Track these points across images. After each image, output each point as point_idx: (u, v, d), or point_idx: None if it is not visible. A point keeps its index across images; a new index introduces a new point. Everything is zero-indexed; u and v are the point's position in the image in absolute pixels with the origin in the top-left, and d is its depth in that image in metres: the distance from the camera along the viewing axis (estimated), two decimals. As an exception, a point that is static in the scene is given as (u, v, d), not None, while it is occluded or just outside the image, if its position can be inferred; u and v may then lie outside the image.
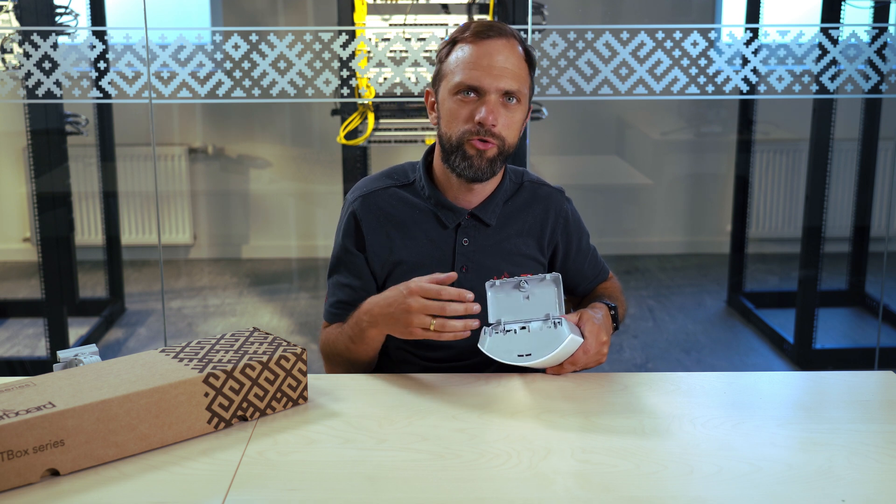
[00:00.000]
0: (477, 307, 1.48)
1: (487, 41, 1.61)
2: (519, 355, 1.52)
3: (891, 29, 3.05)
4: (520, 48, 1.64)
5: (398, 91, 2.93)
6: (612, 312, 1.68)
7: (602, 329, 1.58)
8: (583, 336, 1.56)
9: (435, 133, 1.97)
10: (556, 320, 1.53)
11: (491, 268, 1.71)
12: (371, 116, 2.96)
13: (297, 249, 4.47)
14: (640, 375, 1.59)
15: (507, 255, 1.73)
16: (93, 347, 1.50)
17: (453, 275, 1.50)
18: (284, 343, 1.49)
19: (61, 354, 1.47)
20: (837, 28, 2.97)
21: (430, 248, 1.71)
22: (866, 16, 3.38)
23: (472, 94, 1.62)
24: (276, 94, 2.86)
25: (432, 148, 1.76)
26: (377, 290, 1.75)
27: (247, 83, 2.85)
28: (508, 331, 1.55)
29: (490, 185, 1.72)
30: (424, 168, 1.74)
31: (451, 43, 1.66)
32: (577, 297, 1.90)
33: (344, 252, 1.75)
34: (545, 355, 1.50)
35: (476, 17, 2.95)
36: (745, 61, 2.92)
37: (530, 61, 1.67)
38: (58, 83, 2.87)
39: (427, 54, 2.86)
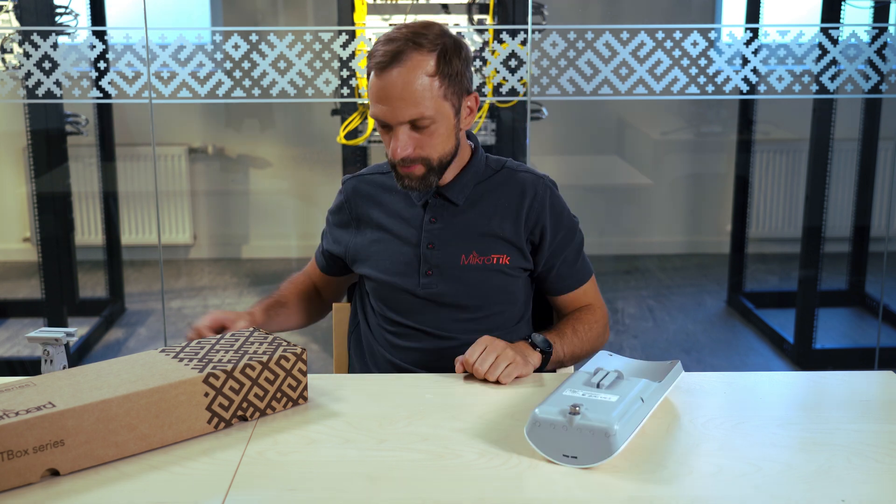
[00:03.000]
0: None
1: (385, 73, 1.61)
2: None
3: (891, 29, 3.05)
4: (424, 60, 1.61)
5: (398, 91, 2.93)
6: (538, 349, 1.65)
7: (494, 347, 1.59)
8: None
9: None
10: None
11: (457, 246, 1.73)
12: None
13: (297, 249, 4.47)
14: (640, 375, 1.59)
15: (474, 234, 1.74)
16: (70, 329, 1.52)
17: None
18: (284, 343, 1.49)
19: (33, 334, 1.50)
20: (837, 28, 2.97)
21: (401, 224, 1.76)
22: (866, 16, 3.38)
23: (385, 126, 1.67)
24: (276, 94, 2.86)
25: None
26: (347, 262, 1.86)
27: (247, 83, 2.85)
28: None
29: (456, 167, 1.75)
30: None
31: (370, 59, 1.67)
32: (556, 303, 1.85)
33: (329, 226, 1.89)
34: None
35: (474, 20, 2.95)
36: (745, 61, 2.92)
37: (441, 64, 1.63)
38: (58, 83, 2.87)
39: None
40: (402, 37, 1.64)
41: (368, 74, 1.67)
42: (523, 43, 2.85)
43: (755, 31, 2.93)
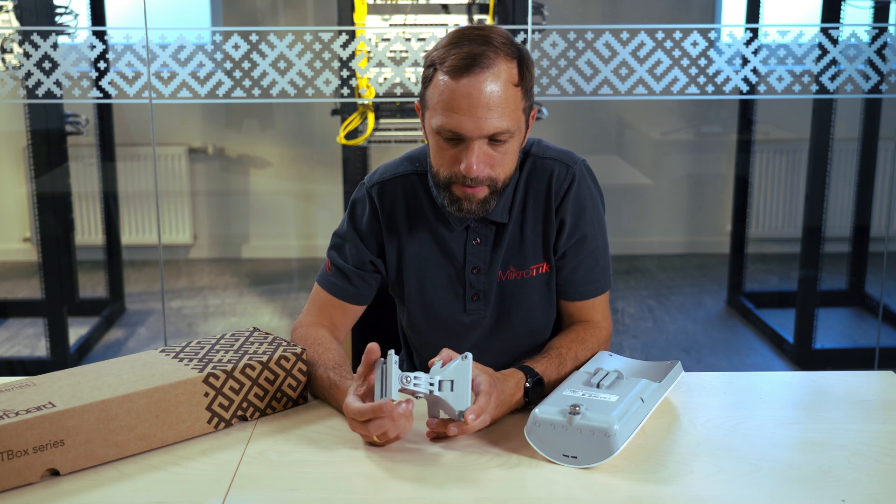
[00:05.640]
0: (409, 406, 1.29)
1: (466, 78, 1.39)
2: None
3: (891, 29, 3.05)
4: (509, 68, 1.42)
5: (398, 91, 2.93)
6: (528, 384, 1.43)
7: (492, 405, 1.35)
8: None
9: None
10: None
11: (499, 264, 1.60)
12: (371, 116, 2.96)
13: (297, 249, 4.47)
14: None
15: (518, 249, 1.60)
16: None
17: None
18: (284, 343, 1.49)
19: None
20: (837, 28, 2.97)
21: (438, 247, 1.60)
22: (866, 16, 3.38)
23: (455, 139, 1.43)
24: (276, 94, 2.86)
25: None
26: (387, 276, 1.64)
27: (247, 83, 2.85)
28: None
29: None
30: None
31: (432, 66, 1.45)
32: (560, 306, 1.67)
33: (353, 238, 1.62)
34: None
35: (474, 20, 2.95)
36: (745, 61, 2.92)
37: (524, 74, 1.45)
38: (58, 83, 2.86)
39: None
40: (475, 38, 1.42)
41: (427, 82, 1.45)
42: (523, 43, 2.85)
43: (755, 31, 2.93)
